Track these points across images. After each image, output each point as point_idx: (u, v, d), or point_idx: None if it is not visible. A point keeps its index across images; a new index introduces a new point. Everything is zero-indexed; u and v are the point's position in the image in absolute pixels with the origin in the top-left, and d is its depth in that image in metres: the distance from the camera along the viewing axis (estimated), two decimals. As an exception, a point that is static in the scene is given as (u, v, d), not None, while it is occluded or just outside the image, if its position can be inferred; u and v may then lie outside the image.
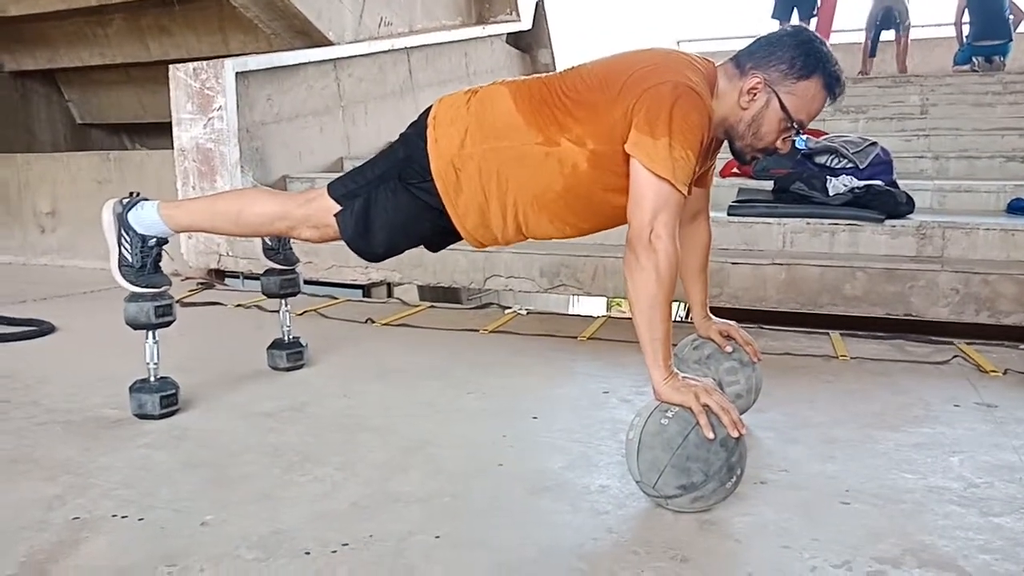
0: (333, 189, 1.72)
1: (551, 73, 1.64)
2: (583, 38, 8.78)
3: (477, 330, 2.87)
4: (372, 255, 1.77)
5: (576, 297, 6.05)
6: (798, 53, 1.50)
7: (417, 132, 1.66)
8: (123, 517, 1.36)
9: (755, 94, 1.51)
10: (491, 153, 1.57)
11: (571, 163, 1.53)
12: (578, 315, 3.50)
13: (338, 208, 1.70)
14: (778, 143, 1.56)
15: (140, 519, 1.35)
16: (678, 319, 3.50)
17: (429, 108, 1.70)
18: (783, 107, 1.51)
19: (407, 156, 1.67)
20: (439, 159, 1.61)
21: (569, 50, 8.57)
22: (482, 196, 1.60)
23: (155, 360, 1.88)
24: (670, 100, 1.42)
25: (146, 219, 1.80)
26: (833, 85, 1.52)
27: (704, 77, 1.50)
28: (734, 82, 1.53)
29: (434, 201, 1.64)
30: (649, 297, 1.38)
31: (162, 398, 1.86)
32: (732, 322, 1.80)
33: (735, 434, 1.33)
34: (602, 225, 1.65)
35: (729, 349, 1.75)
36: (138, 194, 1.85)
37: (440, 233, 1.74)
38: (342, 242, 1.74)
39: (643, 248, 1.39)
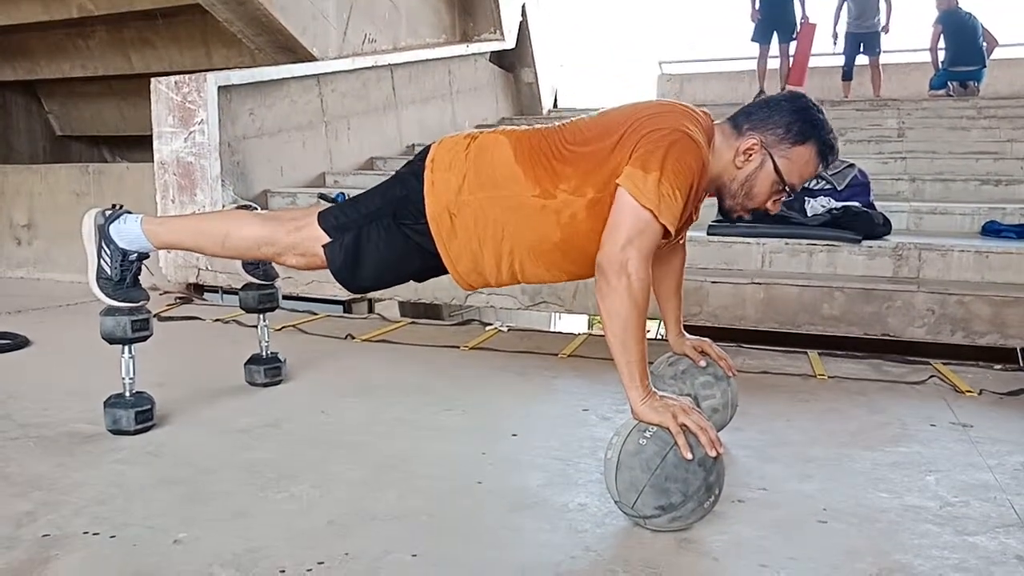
0: (324, 220, 1.70)
1: (550, 125, 1.65)
2: (566, 58, 8.83)
3: (458, 347, 2.86)
4: (357, 288, 1.76)
5: (557, 314, 6.06)
6: (795, 119, 1.53)
7: (414, 173, 1.66)
8: (95, 534, 1.34)
9: (751, 155, 1.54)
10: (488, 202, 1.58)
11: (569, 213, 1.53)
12: (559, 332, 3.51)
13: (327, 239, 1.68)
14: (769, 204, 1.59)
15: (112, 536, 1.33)
16: (659, 337, 3.51)
17: (427, 148, 1.69)
18: (777, 170, 1.54)
19: (403, 196, 1.66)
20: (435, 203, 1.61)
21: (552, 69, 8.65)
22: (476, 243, 1.61)
23: (131, 375, 1.86)
24: (667, 142, 1.44)
25: (128, 233, 1.78)
26: (826, 152, 1.55)
27: (703, 131, 1.52)
28: (730, 141, 1.56)
29: (426, 243, 1.64)
30: (622, 320, 1.38)
31: (137, 413, 1.84)
32: (707, 339, 1.82)
33: (713, 454, 1.33)
34: None
35: (703, 364, 1.76)
36: (121, 207, 1.82)
37: (428, 271, 1.74)
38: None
39: (614, 272, 1.39)
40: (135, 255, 1.80)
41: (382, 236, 1.66)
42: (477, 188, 1.58)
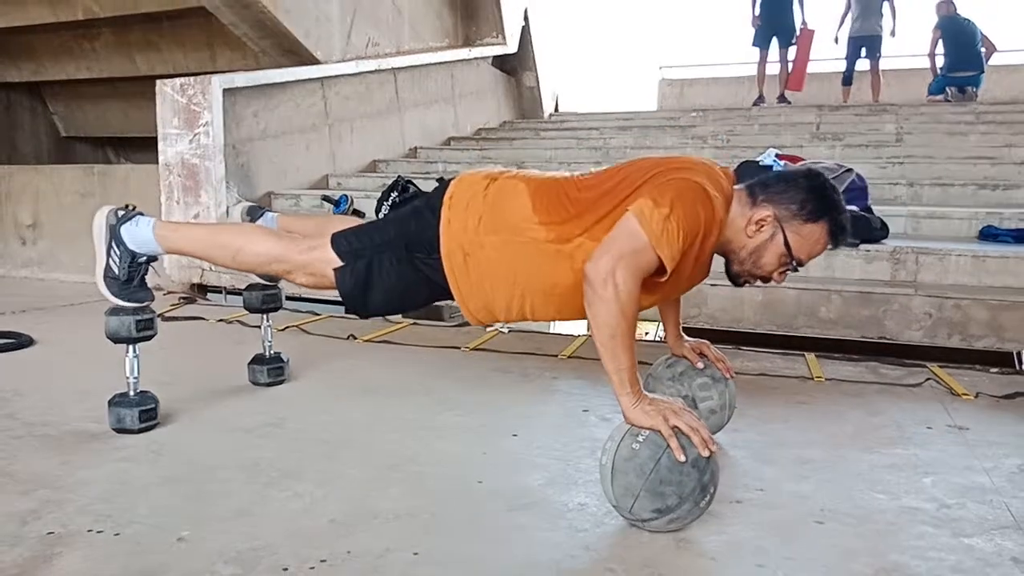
0: (337, 243, 1.72)
1: (569, 174, 1.67)
2: (568, 62, 8.85)
3: (459, 348, 2.88)
4: (363, 312, 1.79)
5: (558, 317, 6.06)
6: (810, 197, 1.55)
7: (431, 207, 1.68)
8: (99, 532, 1.35)
9: (763, 226, 1.56)
10: (502, 245, 1.60)
11: (582, 258, 1.53)
12: (559, 334, 3.52)
13: (339, 263, 1.70)
14: (775, 275, 1.61)
15: (116, 534, 1.35)
16: (658, 339, 3.53)
17: (446, 183, 1.71)
18: (787, 244, 1.55)
19: (418, 229, 1.68)
20: (450, 240, 1.63)
21: (553, 74, 8.67)
22: (489, 283, 1.63)
23: (135, 374, 1.88)
24: (683, 187, 1.47)
25: (140, 236, 1.79)
26: (837, 233, 1.57)
27: (722, 192, 1.54)
28: (745, 210, 1.57)
29: (438, 277, 1.66)
30: (610, 328, 1.39)
31: (141, 412, 1.86)
32: (705, 341, 1.84)
33: (706, 453, 1.34)
34: None
35: (701, 365, 1.78)
36: (135, 207, 1.83)
37: (435, 299, 1.76)
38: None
39: (600, 281, 1.39)
40: (144, 258, 1.81)
41: (394, 266, 1.68)
42: (492, 231, 1.60)
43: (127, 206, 1.83)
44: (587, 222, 1.55)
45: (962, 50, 7.12)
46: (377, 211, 4.06)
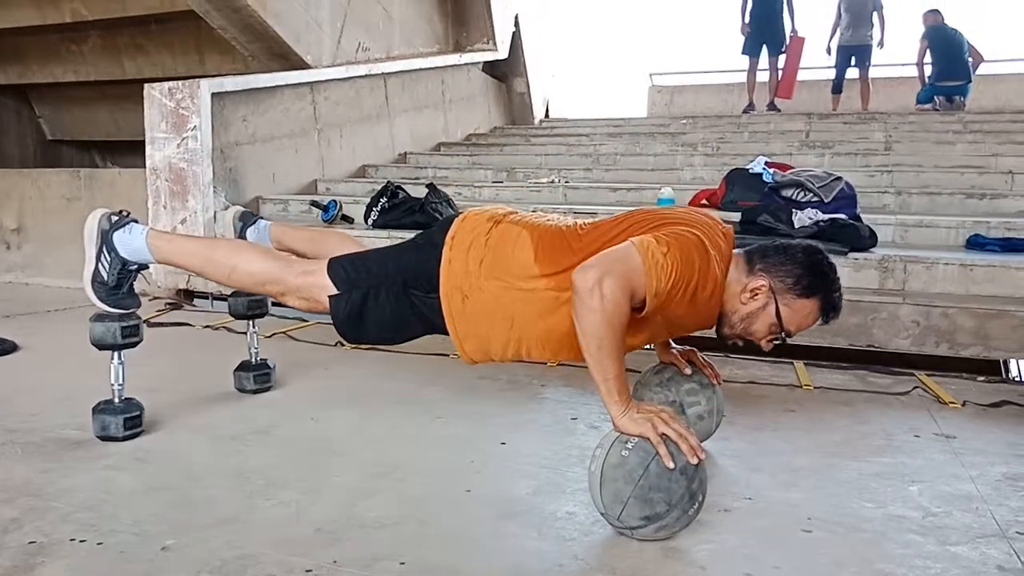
0: (333, 271, 1.71)
1: (572, 223, 1.68)
2: (558, 68, 8.88)
3: (447, 355, 2.86)
4: (354, 340, 1.79)
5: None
6: (805, 273, 1.57)
7: (432, 244, 1.68)
8: (82, 541, 1.34)
9: (757, 295, 1.57)
10: (502, 291, 1.60)
11: None
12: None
13: (334, 291, 1.70)
14: (763, 342, 1.63)
15: (99, 543, 1.33)
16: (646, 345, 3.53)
17: (450, 220, 1.71)
18: (778, 315, 1.57)
19: (417, 265, 1.68)
20: (449, 281, 1.63)
21: (543, 80, 8.69)
22: (486, 326, 1.63)
23: (120, 381, 1.86)
24: (684, 237, 1.48)
25: (132, 244, 1.77)
26: (828, 311, 1.60)
27: (720, 253, 1.54)
28: (741, 276, 1.59)
29: (434, 316, 1.66)
30: (597, 338, 1.39)
31: (126, 420, 1.84)
32: (692, 348, 1.84)
33: (694, 460, 1.35)
34: None
35: (688, 371, 1.78)
36: (128, 214, 1.81)
37: (428, 333, 1.75)
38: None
39: (587, 290, 1.39)
40: (135, 266, 1.80)
41: (390, 301, 1.68)
42: (492, 276, 1.61)
43: (121, 212, 1.81)
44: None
45: (950, 60, 7.19)
46: (366, 217, 4.06)
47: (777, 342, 1.63)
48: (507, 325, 1.62)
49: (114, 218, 1.79)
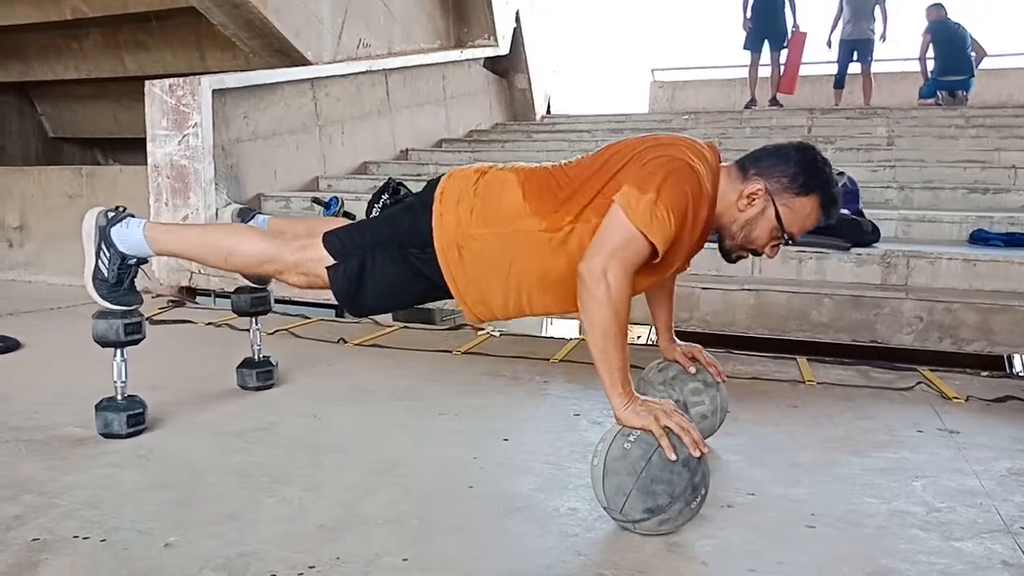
0: (329, 242, 1.71)
1: (556, 163, 1.67)
2: (559, 64, 8.88)
3: (450, 351, 2.87)
4: (357, 311, 1.78)
5: (549, 319, 6.07)
6: (801, 170, 1.55)
7: (423, 204, 1.68)
8: (85, 538, 1.34)
9: (754, 199, 1.56)
10: (495, 237, 1.59)
11: (576, 242, 1.54)
12: (551, 337, 3.52)
13: (332, 262, 1.69)
14: (767, 249, 1.61)
15: (103, 540, 1.33)
16: (650, 342, 3.53)
17: (437, 180, 1.71)
18: (778, 217, 1.55)
19: (410, 226, 1.67)
20: (443, 236, 1.62)
21: (545, 75, 8.68)
22: (484, 276, 1.62)
23: (123, 378, 1.86)
24: (667, 167, 1.46)
25: (130, 238, 1.77)
26: (828, 207, 1.57)
27: (709, 167, 1.54)
28: (736, 184, 1.58)
29: (432, 273, 1.65)
30: (602, 328, 1.39)
31: (129, 417, 1.84)
32: (697, 345, 1.84)
33: (696, 454, 1.35)
34: None
35: (693, 370, 1.78)
36: (124, 209, 1.81)
37: (428, 297, 1.75)
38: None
39: (594, 280, 1.40)
40: (134, 260, 1.80)
41: (387, 263, 1.67)
42: (484, 223, 1.60)
43: (117, 207, 1.81)
44: (577, 206, 1.55)
45: (952, 54, 7.16)
46: (368, 213, 4.05)
47: (783, 245, 1.61)
48: (504, 271, 1.60)
49: (110, 214, 1.79)
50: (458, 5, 7.16)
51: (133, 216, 1.81)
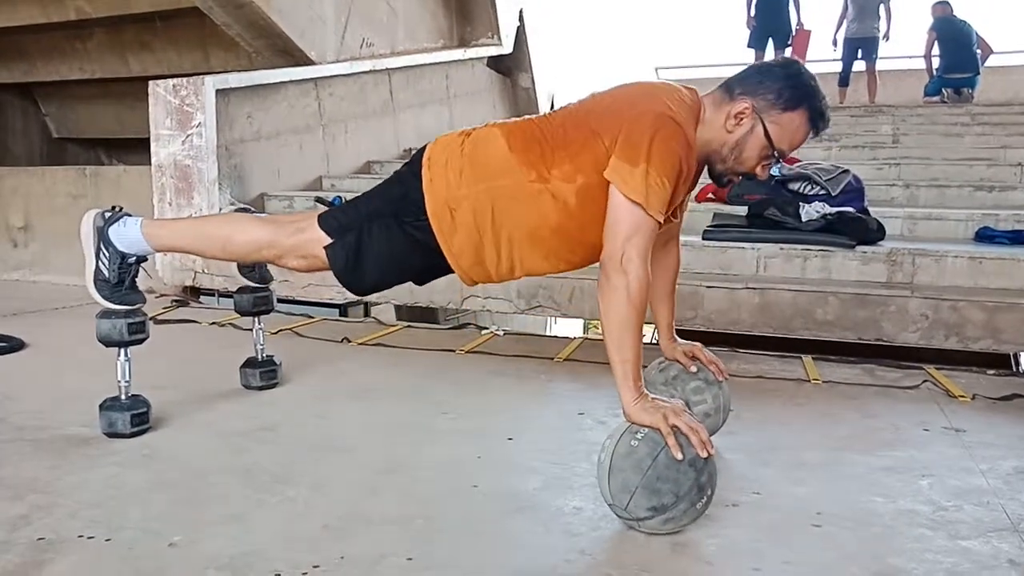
0: (324, 221, 1.71)
1: (542, 114, 1.67)
2: (563, 63, 8.91)
3: (454, 350, 2.86)
4: (360, 289, 1.77)
5: (553, 318, 6.07)
6: (786, 85, 1.54)
7: (412, 171, 1.67)
8: (90, 538, 1.34)
9: (741, 119, 1.55)
10: (485, 193, 1.59)
11: (563, 198, 1.54)
12: (555, 336, 3.52)
13: (329, 240, 1.69)
14: (758, 169, 1.59)
15: (107, 540, 1.33)
16: (652, 341, 3.52)
17: (424, 148, 1.71)
18: (767, 134, 1.54)
19: (402, 195, 1.67)
20: (434, 199, 1.62)
21: (549, 74, 8.67)
22: (477, 235, 1.61)
23: (127, 378, 1.86)
24: (651, 129, 1.45)
25: (128, 236, 1.78)
26: (817, 120, 1.55)
27: (689, 109, 1.53)
28: (722, 107, 1.57)
29: (428, 239, 1.64)
30: (620, 318, 1.40)
31: (133, 416, 1.84)
32: (697, 343, 1.83)
33: (704, 454, 1.34)
34: (594, 258, 1.66)
35: (694, 369, 1.77)
36: (121, 208, 1.81)
37: (430, 269, 1.74)
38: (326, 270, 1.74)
39: (614, 270, 1.42)
40: (134, 258, 1.80)
41: (383, 235, 1.67)
42: (473, 181, 1.59)
43: (113, 207, 1.81)
44: (561, 161, 1.55)
45: (958, 52, 7.14)
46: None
47: (774, 164, 1.60)
48: (496, 227, 1.59)
49: (107, 214, 1.79)
50: (461, 4, 7.16)
51: (130, 215, 1.81)
